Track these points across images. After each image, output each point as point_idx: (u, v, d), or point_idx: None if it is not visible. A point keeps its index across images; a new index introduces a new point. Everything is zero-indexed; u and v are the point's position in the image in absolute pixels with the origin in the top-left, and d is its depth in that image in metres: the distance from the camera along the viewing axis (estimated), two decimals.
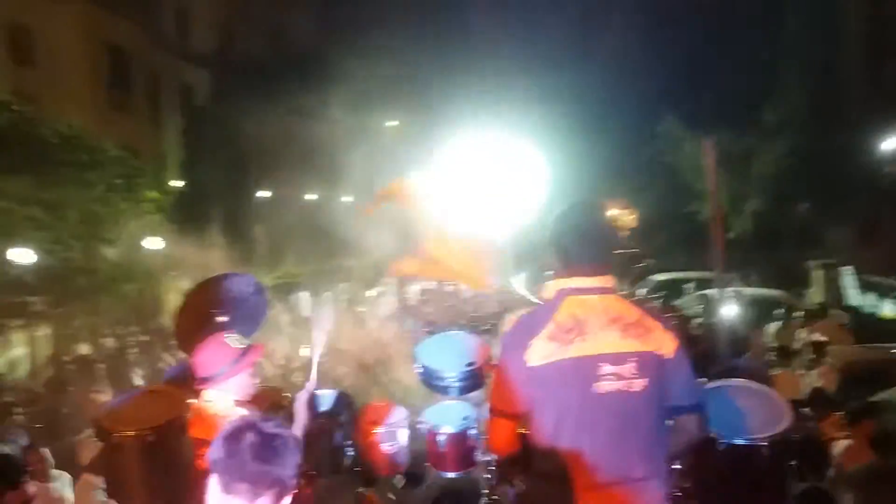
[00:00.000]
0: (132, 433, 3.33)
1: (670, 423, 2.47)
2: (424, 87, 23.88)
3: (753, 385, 3.25)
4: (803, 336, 9.62)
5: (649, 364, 2.33)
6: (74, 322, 12.56)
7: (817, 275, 14.81)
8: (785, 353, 8.42)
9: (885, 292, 14.20)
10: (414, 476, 3.39)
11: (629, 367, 2.32)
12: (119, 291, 12.94)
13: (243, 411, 3.03)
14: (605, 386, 2.30)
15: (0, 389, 8.31)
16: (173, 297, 16.46)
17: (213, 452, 1.77)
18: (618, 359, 2.32)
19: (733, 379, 3.24)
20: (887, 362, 8.76)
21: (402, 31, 24.51)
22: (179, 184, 19.03)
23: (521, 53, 23.52)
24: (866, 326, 11.86)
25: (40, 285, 11.81)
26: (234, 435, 1.75)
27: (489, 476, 3.37)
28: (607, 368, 2.31)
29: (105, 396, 10.09)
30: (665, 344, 2.37)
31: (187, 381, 3.80)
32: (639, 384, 2.32)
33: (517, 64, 22.26)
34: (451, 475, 3.31)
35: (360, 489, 3.09)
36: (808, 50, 17.13)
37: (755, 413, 3.07)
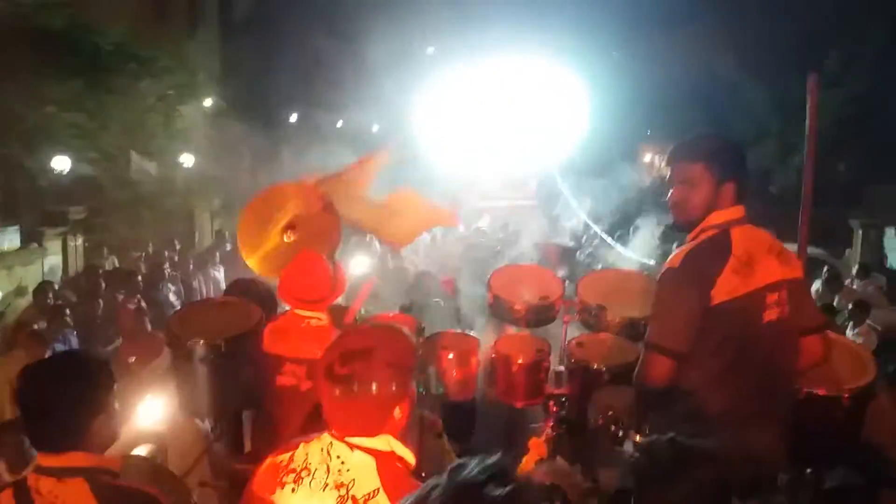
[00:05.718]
0: (204, 341, 3.36)
1: None
2: (464, 12, 23.13)
3: (839, 337, 3.18)
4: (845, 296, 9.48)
5: (795, 289, 2.34)
6: (111, 234, 12.60)
7: (859, 234, 14.48)
8: (828, 312, 8.29)
9: None
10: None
11: (783, 295, 2.31)
12: (159, 206, 12.94)
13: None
14: (768, 315, 2.29)
15: (49, 293, 8.40)
16: (206, 215, 16.57)
17: None
18: (777, 287, 2.31)
19: None
20: None
21: None
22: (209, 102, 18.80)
23: None
24: None
25: (80, 194, 11.83)
26: None
27: (556, 408, 3.36)
28: (771, 298, 2.29)
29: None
30: (799, 267, 2.39)
31: (249, 294, 3.79)
32: (787, 311, 2.31)
33: None
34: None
35: (426, 412, 3.08)
36: None
37: (837, 364, 3.01)
